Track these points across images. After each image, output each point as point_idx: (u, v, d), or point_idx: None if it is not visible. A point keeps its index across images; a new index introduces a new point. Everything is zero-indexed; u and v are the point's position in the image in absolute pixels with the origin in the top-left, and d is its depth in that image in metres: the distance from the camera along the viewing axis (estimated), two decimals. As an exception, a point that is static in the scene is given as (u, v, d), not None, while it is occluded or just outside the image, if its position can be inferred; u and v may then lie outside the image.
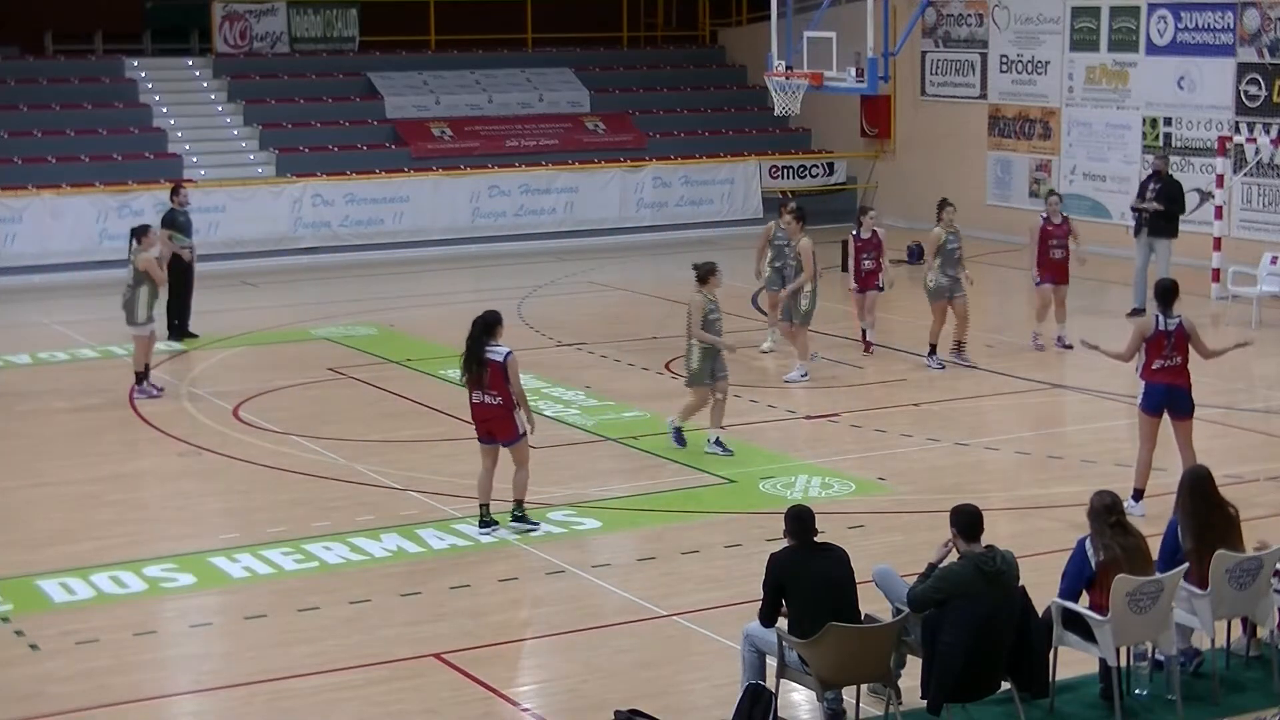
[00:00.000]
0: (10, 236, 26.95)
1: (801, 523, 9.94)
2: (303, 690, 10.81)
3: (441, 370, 19.76)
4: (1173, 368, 13.90)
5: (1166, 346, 13.86)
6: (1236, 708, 10.35)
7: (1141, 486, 14.05)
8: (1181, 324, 13.92)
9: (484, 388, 13.61)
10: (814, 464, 15.80)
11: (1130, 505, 13.78)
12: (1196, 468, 10.85)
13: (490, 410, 13.64)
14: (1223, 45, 26.28)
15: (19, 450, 16.84)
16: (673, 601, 12.26)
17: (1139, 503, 13.90)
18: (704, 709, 10.37)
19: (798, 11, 27.01)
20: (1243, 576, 10.45)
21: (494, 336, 13.70)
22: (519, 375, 13.67)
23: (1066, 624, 10.18)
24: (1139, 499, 13.94)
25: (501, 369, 13.51)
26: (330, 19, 33.58)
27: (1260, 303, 22.59)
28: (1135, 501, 13.89)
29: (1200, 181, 25.89)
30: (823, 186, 33.18)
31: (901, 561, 11.37)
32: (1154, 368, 13.90)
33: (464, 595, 12.52)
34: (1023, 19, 29.62)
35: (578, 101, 33.26)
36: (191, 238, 22.04)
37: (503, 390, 13.52)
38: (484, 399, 13.65)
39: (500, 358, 13.54)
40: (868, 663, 9.71)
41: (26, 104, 29.94)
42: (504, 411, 13.58)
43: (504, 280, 26.50)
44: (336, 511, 14.46)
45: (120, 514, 14.66)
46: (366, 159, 30.53)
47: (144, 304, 18.54)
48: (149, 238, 18.90)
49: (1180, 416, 14.04)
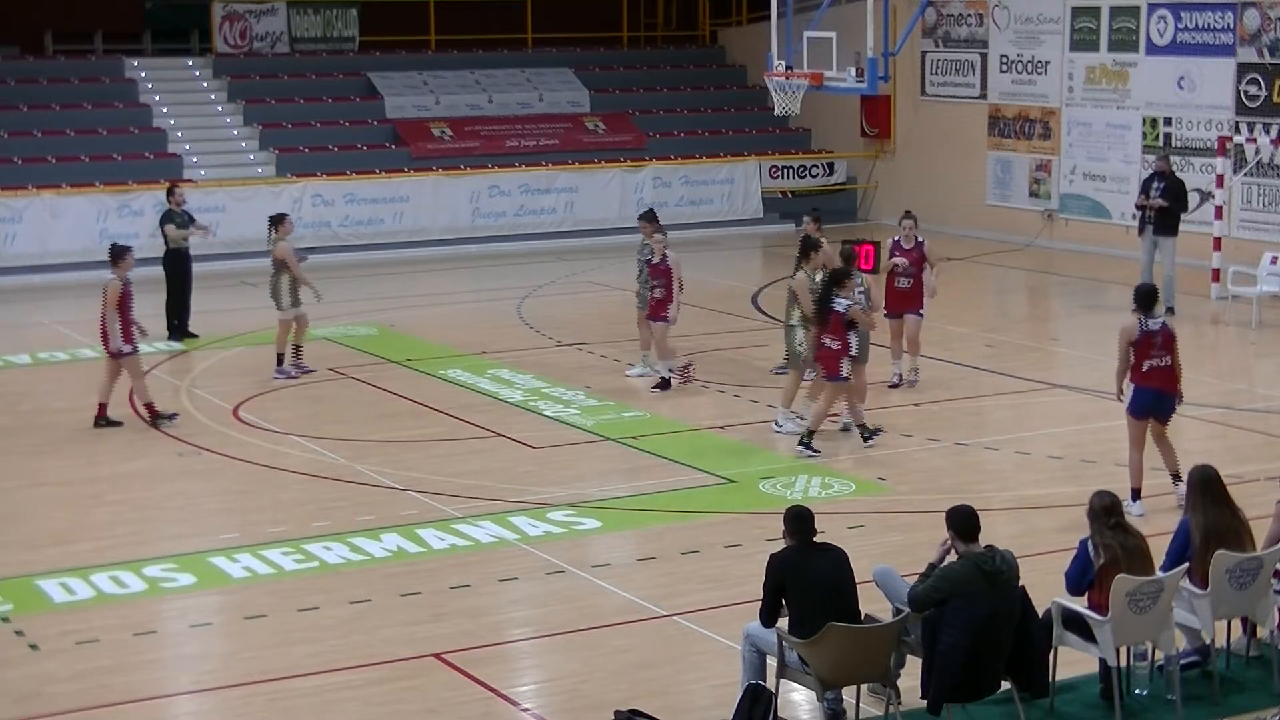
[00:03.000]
0: (10, 236, 26.96)
1: (801, 523, 9.94)
2: (303, 690, 10.81)
3: (441, 370, 19.77)
4: (1163, 369, 13.98)
5: (1155, 346, 13.92)
6: (1236, 708, 10.36)
7: (1138, 486, 14.11)
8: (1165, 325, 14.04)
9: (826, 332, 15.88)
10: (814, 464, 15.80)
11: (1128, 505, 13.83)
12: (1205, 468, 10.82)
13: (825, 351, 15.90)
14: (1223, 45, 26.28)
15: (19, 450, 16.84)
16: (673, 601, 12.27)
17: (1137, 502, 13.96)
18: (704, 709, 10.37)
19: (798, 11, 27.05)
20: (1243, 576, 10.45)
21: (842, 288, 15.77)
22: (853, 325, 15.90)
23: (1066, 624, 10.19)
24: (1137, 498, 14.00)
25: (842, 319, 15.78)
26: (330, 19, 33.59)
27: (1260, 303, 22.59)
28: (1134, 501, 13.95)
29: (1200, 181, 25.89)
30: (823, 186, 33.19)
31: (901, 561, 11.37)
32: (1144, 369, 13.94)
33: (464, 595, 12.52)
34: (1023, 19, 29.62)
35: (578, 101, 33.26)
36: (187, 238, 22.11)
37: (842, 337, 15.80)
38: (825, 342, 15.90)
39: (841, 309, 15.71)
40: (868, 663, 9.71)
41: (26, 104, 29.95)
42: (838, 354, 15.84)
43: (504, 280, 26.51)
44: (336, 511, 14.46)
45: (120, 514, 14.66)
46: (366, 159, 30.53)
47: (286, 290, 19.26)
48: (285, 226, 19.54)
49: (1163, 420, 14.18)
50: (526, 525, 14.04)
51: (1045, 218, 29.31)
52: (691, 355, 19.52)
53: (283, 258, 19.38)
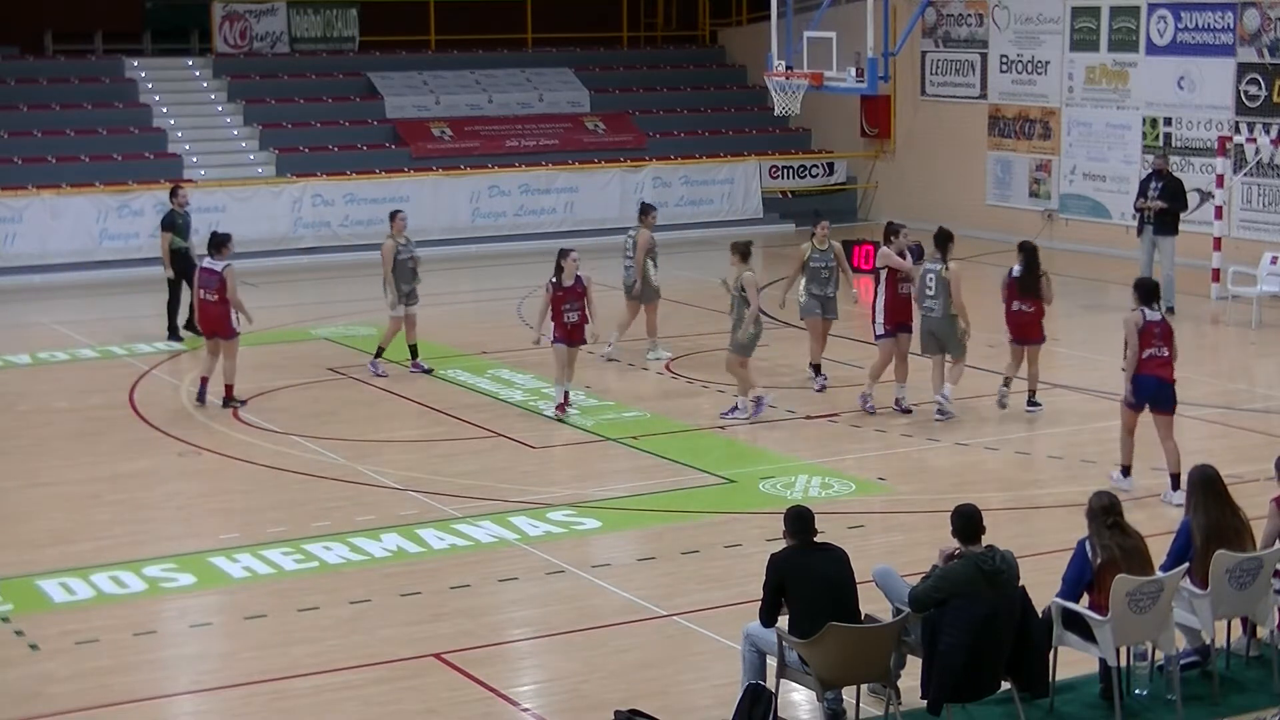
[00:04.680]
0: (10, 236, 26.94)
1: (801, 523, 9.94)
2: (303, 690, 10.81)
3: (442, 370, 19.76)
4: (1162, 359, 14.29)
5: (1155, 337, 14.24)
6: (1236, 708, 10.36)
7: (1128, 463, 14.60)
8: (1164, 318, 14.45)
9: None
10: (814, 464, 15.80)
11: (1118, 479, 14.10)
12: (1205, 467, 10.82)
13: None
14: (1223, 45, 26.28)
15: (19, 450, 16.84)
16: (673, 601, 12.27)
17: (1127, 478, 14.46)
18: (704, 709, 10.37)
19: (798, 11, 27.04)
20: (1243, 576, 10.45)
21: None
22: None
23: (1066, 624, 10.18)
24: (1127, 474, 14.51)
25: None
26: (330, 19, 33.58)
27: (1260, 303, 22.59)
28: (1124, 477, 14.44)
29: (1200, 181, 25.90)
30: (823, 186, 33.19)
31: (901, 561, 11.38)
32: (1144, 357, 14.22)
33: (464, 595, 12.52)
34: (1023, 19, 29.62)
35: (577, 101, 33.26)
36: (190, 239, 22.03)
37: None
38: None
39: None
40: (868, 663, 9.71)
41: (26, 104, 29.94)
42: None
43: (504, 280, 26.51)
44: (336, 511, 14.46)
45: (120, 514, 14.66)
46: (366, 159, 30.53)
47: (391, 288, 19.38)
48: (397, 223, 19.59)
49: (1163, 411, 14.44)
50: (526, 525, 14.04)
51: (1045, 218, 29.31)
52: (691, 355, 19.52)
53: (384, 255, 19.50)
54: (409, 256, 19.48)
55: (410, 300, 19.50)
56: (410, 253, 19.51)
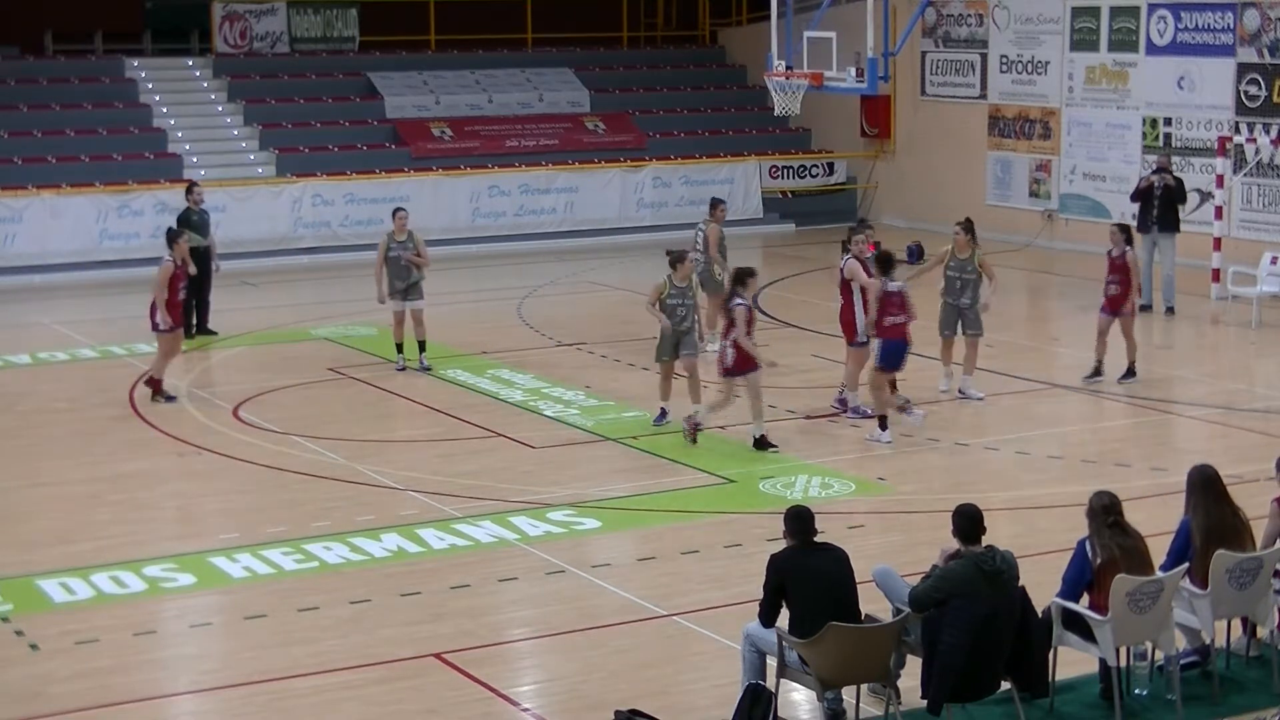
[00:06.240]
0: (10, 236, 26.94)
1: (801, 523, 9.94)
2: (303, 690, 10.81)
3: (442, 370, 19.76)
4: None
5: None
6: (1236, 708, 10.36)
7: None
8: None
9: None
10: (814, 464, 15.81)
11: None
12: (1205, 467, 10.81)
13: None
14: (1223, 45, 26.28)
15: (19, 450, 16.84)
16: (673, 601, 12.27)
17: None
18: (704, 709, 10.37)
19: (798, 11, 27.02)
20: (1243, 576, 10.45)
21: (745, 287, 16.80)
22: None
23: (1066, 624, 10.18)
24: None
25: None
26: (330, 19, 33.57)
27: (1260, 303, 22.59)
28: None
29: (1200, 181, 25.90)
30: (823, 186, 33.18)
31: (901, 561, 11.37)
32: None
33: (464, 595, 12.52)
34: (1023, 19, 29.62)
35: (577, 101, 33.26)
36: (208, 236, 22.11)
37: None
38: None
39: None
40: (868, 663, 9.71)
41: (26, 104, 29.94)
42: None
43: (504, 280, 26.51)
44: (336, 511, 14.46)
45: (120, 514, 14.66)
46: (366, 159, 30.53)
47: (378, 282, 19.61)
48: (397, 221, 19.83)
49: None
50: (526, 525, 14.04)
51: (1045, 218, 29.31)
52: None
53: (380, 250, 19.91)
54: (400, 254, 19.54)
55: (409, 296, 19.56)
56: (405, 250, 19.54)
